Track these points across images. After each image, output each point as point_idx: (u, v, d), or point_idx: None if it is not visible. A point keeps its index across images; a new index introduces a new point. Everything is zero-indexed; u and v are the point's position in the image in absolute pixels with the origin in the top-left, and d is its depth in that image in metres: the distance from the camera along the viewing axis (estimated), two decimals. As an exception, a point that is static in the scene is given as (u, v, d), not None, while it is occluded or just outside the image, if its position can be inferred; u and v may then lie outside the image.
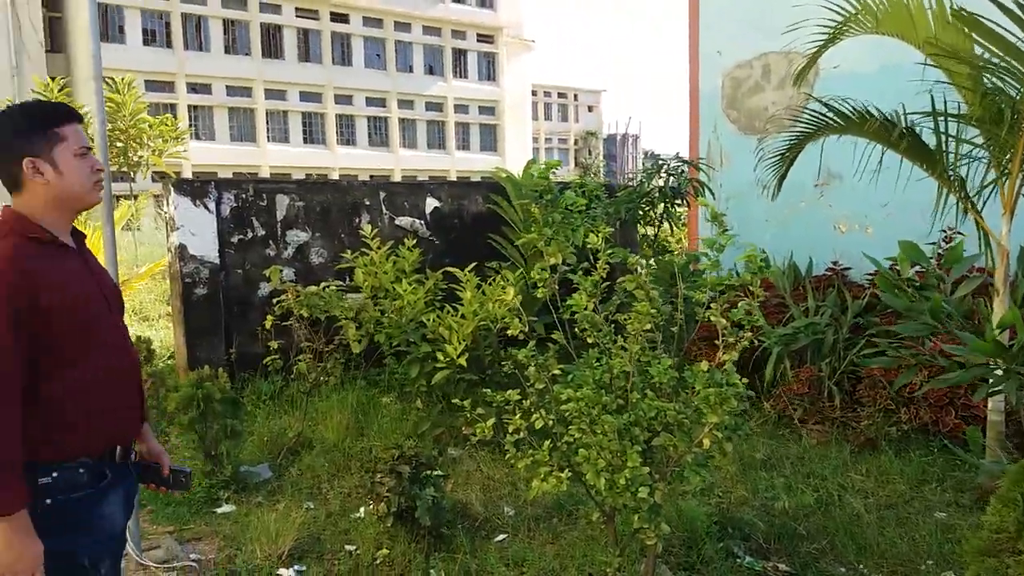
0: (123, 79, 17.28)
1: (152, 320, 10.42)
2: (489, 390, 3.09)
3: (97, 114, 3.31)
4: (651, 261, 3.04)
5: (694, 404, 2.75)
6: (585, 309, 2.89)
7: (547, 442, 3.00)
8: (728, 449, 2.78)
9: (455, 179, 44.11)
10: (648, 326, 2.76)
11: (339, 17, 43.22)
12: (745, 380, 2.88)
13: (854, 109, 4.57)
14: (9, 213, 1.97)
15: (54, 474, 1.91)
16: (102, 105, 3.31)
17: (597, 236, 2.92)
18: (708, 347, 5.68)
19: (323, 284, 5.65)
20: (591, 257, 3.26)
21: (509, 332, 3.01)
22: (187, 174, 28.97)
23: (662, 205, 6.90)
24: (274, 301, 5.53)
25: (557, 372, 2.98)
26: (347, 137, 44.42)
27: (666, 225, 7.45)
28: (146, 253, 15.44)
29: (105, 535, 2.04)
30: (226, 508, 4.40)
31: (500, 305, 4.71)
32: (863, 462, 4.85)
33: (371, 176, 40.92)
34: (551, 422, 2.96)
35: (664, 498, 2.93)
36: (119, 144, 16.48)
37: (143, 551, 3.74)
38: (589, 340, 2.94)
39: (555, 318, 3.08)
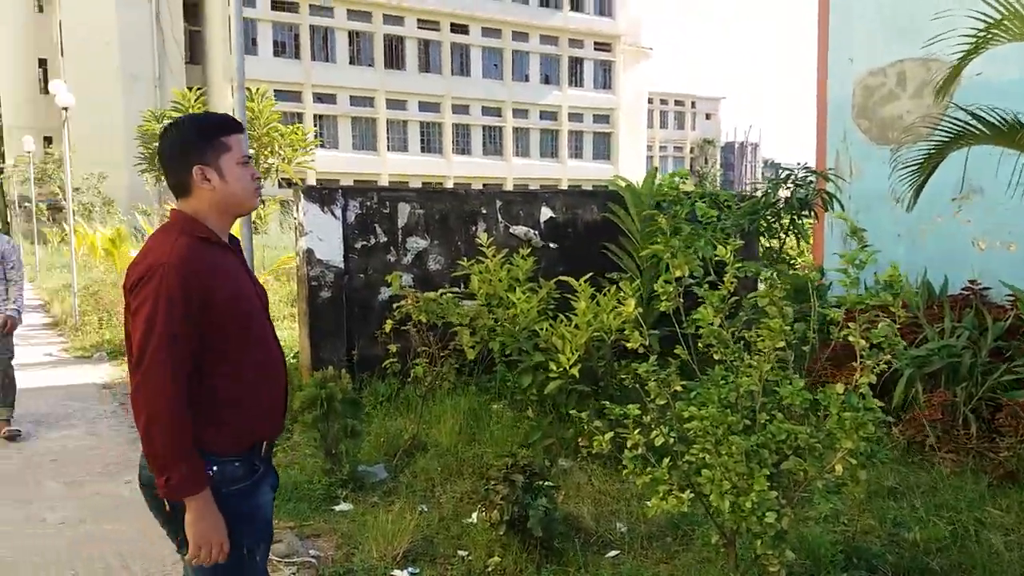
0: (258, 90, 18.18)
1: (277, 320, 10.89)
2: (607, 403, 3.04)
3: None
4: (780, 276, 2.91)
5: (826, 428, 2.61)
6: (711, 324, 2.80)
7: (666, 460, 2.92)
8: (862, 477, 2.63)
9: (567, 188, 44.16)
10: (780, 344, 2.64)
11: (459, 28, 44.09)
12: (881, 404, 2.72)
13: (1003, 119, 4.26)
14: (179, 215, 2.10)
15: (214, 467, 2.02)
16: (244, 115, 3.48)
17: (726, 248, 2.82)
18: (834, 368, 5.43)
19: (440, 291, 5.74)
20: (712, 269, 3.16)
21: (628, 345, 2.95)
22: (311, 181, 30.19)
23: (788, 217, 6.64)
24: (394, 306, 5.65)
25: (679, 388, 2.90)
26: (462, 146, 45.22)
27: (791, 238, 7.17)
28: (271, 256, 16.18)
29: (261, 523, 2.16)
30: (344, 506, 4.51)
31: (615, 316, 4.65)
32: (1002, 496, 4.49)
33: (484, 184, 41.48)
34: (672, 440, 2.88)
35: (789, 524, 2.80)
36: (251, 151, 17.34)
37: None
38: (716, 357, 2.85)
39: (678, 332, 2.99)
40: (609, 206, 7.36)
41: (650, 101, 61.86)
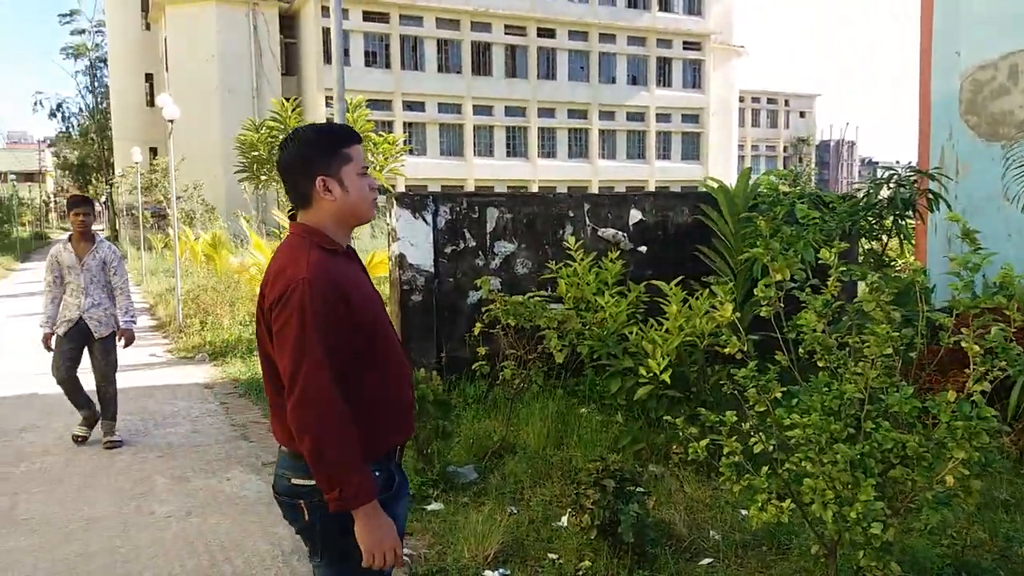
0: (353, 100, 18.65)
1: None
2: (701, 409, 2.98)
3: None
4: (883, 280, 2.79)
5: (935, 437, 2.49)
6: (814, 330, 2.71)
7: (765, 468, 2.84)
8: (976, 487, 2.50)
9: (654, 190, 43.66)
10: (888, 350, 2.53)
11: (545, 32, 44.19)
12: (995, 412, 2.58)
13: None
14: (302, 228, 2.09)
15: None
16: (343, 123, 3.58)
17: (830, 251, 2.72)
18: (939, 374, 5.18)
19: (528, 294, 5.76)
20: (809, 273, 3.06)
21: (726, 350, 2.89)
22: (400, 188, 30.78)
23: (890, 218, 6.37)
24: (482, 309, 5.70)
25: (779, 395, 2.82)
26: (547, 150, 45.27)
27: (894, 240, 6.88)
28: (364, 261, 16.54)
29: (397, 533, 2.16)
30: (435, 506, 4.57)
31: (708, 321, 4.56)
32: None
33: (568, 188, 41.43)
34: (771, 447, 2.80)
35: (895, 535, 2.68)
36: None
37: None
38: (820, 364, 2.75)
39: (778, 337, 2.91)
40: (701, 208, 7.23)
41: (741, 99, 60.52)
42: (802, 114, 75.67)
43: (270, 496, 5.05)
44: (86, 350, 6.28)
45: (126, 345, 6.30)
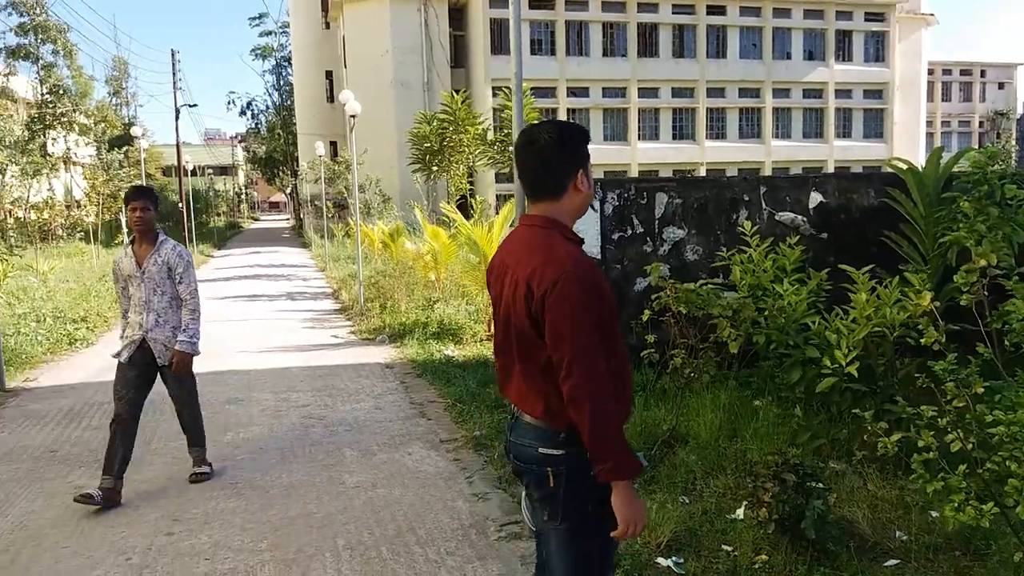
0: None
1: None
2: (889, 403, 2.84)
3: (516, 123, 3.68)
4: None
5: None
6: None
7: (962, 467, 2.67)
8: None
9: (833, 170, 41.29)
10: (1115, 346, 2.31)
11: (715, 9, 42.77)
12: None
13: None
14: (544, 219, 2.27)
15: None
16: (520, 117, 3.68)
17: (1045, 238, 2.51)
18: None
19: (700, 282, 5.65)
20: (1015, 260, 2.82)
21: (923, 341, 2.72)
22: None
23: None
24: (652, 297, 5.66)
25: (980, 390, 2.63)
26: (716, 131, 43.87)
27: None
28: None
29: None
30: (606, 491, 4.61)
31: (899, 310, 4.30)
32: None
33: (739, 170, 39.98)
34: (971, 446, 2.62)
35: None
36: (511, 149, 18.15)
37: (536, 521, 4.07)
38: (1031, 358, 2.55)
39: (979, 328, 2.72)
40: (887, 191, 6.80)
41: (930, 72, 55.92)
42: (1000, 86, 68.93)
43: (449, 471, 5.34)
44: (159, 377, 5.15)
45: (175, 370, 5.03)
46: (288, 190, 60.52)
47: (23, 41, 36.10)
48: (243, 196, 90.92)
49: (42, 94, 36.22)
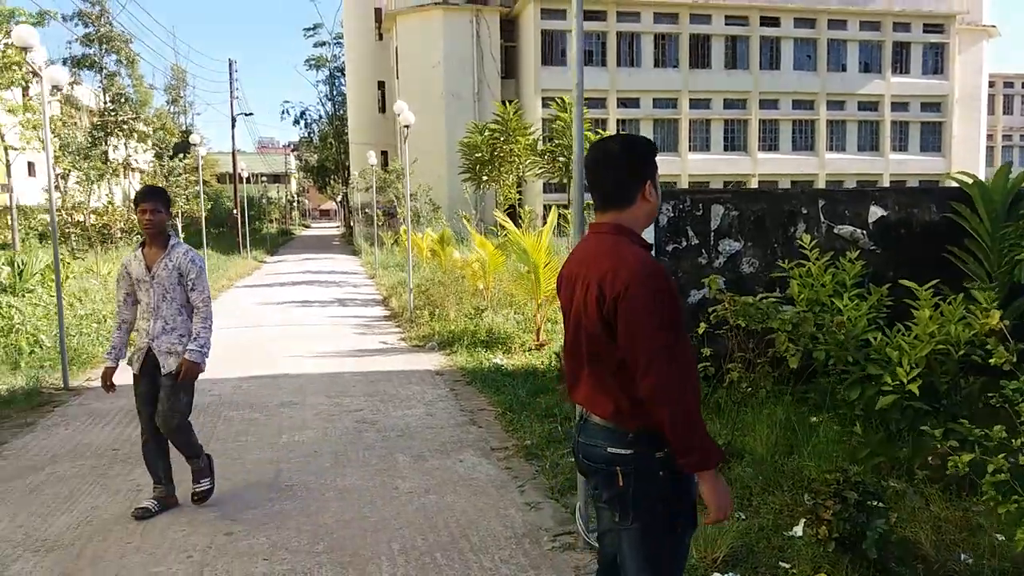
0: (569, 101, 19.00)
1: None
2: (963, 422, 2.78)
3: (576, 138, 3.70)
4: None
5: None
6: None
7: (1037, 490, 2.60)
8: None
9: (889, 184, 40.46)
10: None
11: (769, 20, 42.32)
12: None
13: None
14: (615, 226, 2.36)
15: (665, 449, 2.24)
16: (580, 129, 3.69)
17: None
18: None
19: (759, 295, 5.60)
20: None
21: (992, 361, 2.67)
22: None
23: None
24: (709, 310, 5.62)
25: (1058, 412, 2.56)
26: (769, 143, 43.33)
27: None
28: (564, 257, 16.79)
29: (691, 507, 2.34)
30: (660, 504, 4.58)
31: (965, 328, 4.20)
32: None
33: (792, 182, 39.41)
34: (1047, 468, 2.55)
35: None
36: (561, 159, 18.16)
37: (591, 532, 4.07)
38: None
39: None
40: (951, 205, 6.65)
41: (991, 84, 54.53)
42: (1068, 98, 66.84)
43: (501, 479, 5.36)
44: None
45: (182, 380, 4.69)
46: (339, 198, 61.42)
47: (88, 51, 37.25)
48: (295, 204, 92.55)
49: (105, 102, 37.34)
